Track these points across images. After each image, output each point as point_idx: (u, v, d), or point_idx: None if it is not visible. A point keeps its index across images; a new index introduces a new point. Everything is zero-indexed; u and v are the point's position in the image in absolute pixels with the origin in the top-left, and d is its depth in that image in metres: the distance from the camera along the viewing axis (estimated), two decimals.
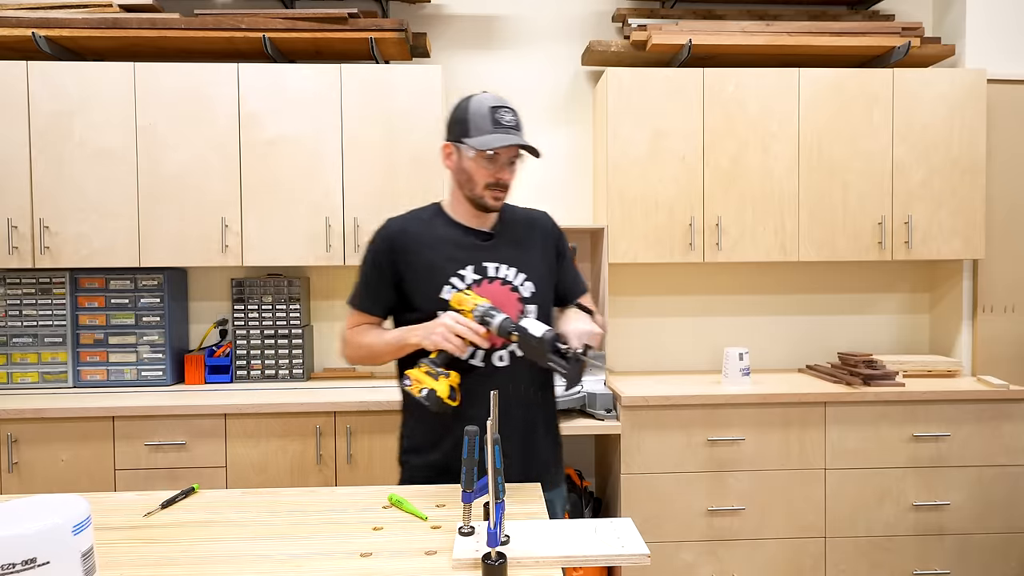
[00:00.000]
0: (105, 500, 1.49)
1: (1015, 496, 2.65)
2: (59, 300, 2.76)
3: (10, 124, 2.63)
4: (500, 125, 1.51)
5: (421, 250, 1.60)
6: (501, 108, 1.53)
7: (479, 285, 1.57)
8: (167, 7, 2.88)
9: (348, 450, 2.49)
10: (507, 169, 1.57)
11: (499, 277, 1.59)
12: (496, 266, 1.60)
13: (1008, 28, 2.99)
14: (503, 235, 1.64)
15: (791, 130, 2.81)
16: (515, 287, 1.59)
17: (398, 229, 1.64)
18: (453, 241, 1.61)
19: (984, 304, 3.00)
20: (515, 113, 1.55)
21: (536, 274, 1.63)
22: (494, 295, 1.55)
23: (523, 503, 1.44)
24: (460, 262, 1.58)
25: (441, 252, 1.59)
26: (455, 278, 1.56)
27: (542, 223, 1.73)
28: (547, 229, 1.72)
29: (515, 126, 1.53)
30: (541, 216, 1.75)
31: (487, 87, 3.10)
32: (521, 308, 1.59)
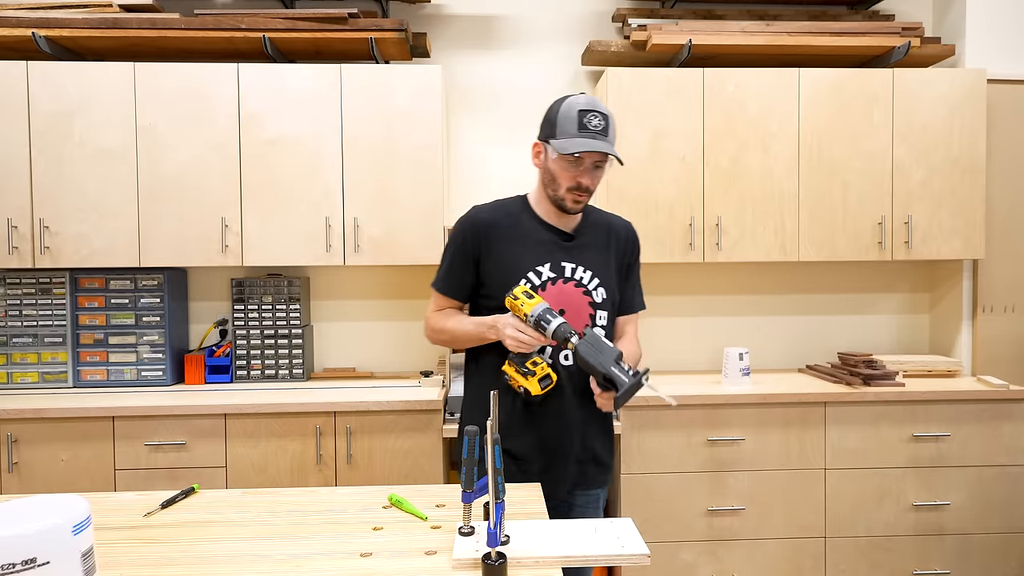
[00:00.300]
0: (105, 500, 1.49)
1: (1015, 496, 2.65)
2: (59, 300, 2.76)
3: (10, 124, 2.63)
4: (586, 129, 1.51)
5: (504, 242, 1.63)
6: (590, 112, 1.52)
7: (553, 284, 1.60)
8: (167, 7, 2.88)
9: (348, 450, 2.49)
10: (590, 174, 1.57)
11: (574, 279, 1.62)
12: (573, 267, 1.63)
13: (1008, 28, 2.99)
14: (583, 237, 1.67)
15: (791, 130, 2.81)
16: (588, 290, 1.63)
17: (486, 219, 1.67)
18: (535, 237, 1.64)
19: (984, 304, 3.00)
20: (605, 118, 1.54)
21: (608, 280, 1.66)
22: (566, 296, 1.60)
23: (523, 503, 1.44)
24: (539, 259, 1.62)
25: (522, 246, 1.63)
26: (532, 273, 1.60)
27: (621, 231, 1.74)
28: (624, 238, 1.73)
29: (602, 131, 1.52)
30: (622, 224, 1.76)
31: (487, 87, 3.12)
32: (591, 312, 1.62)
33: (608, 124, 1.54)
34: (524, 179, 3.12)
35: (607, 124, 1.54)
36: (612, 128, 1.55)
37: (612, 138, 1.55)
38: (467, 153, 3.13)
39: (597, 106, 1.54)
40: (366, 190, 2.73)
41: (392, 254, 2.74)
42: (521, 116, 3.13)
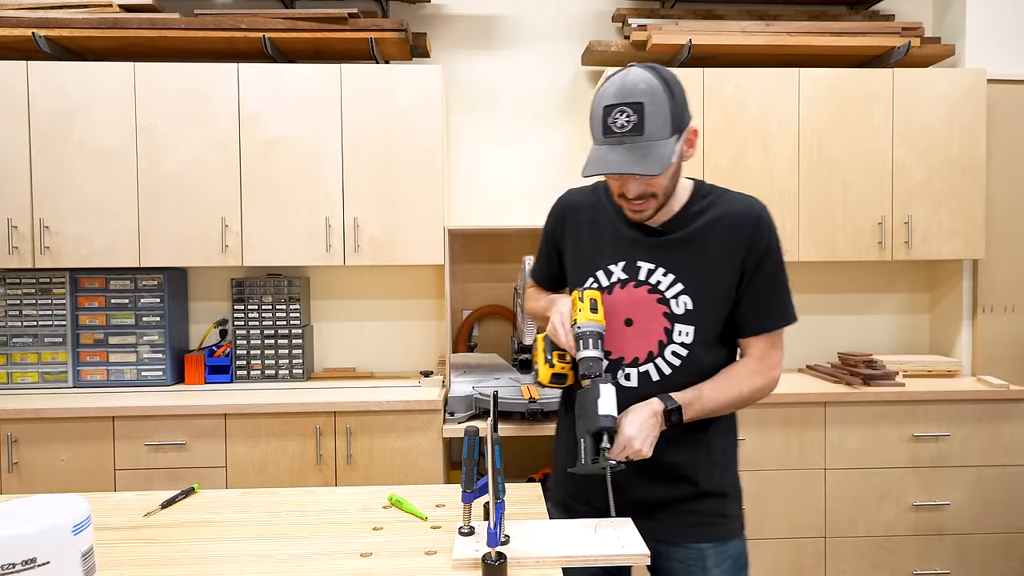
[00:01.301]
0: (105, 500, 1.49)
1: (1015, 496, 2.65)
2: (59, 300, 2.76)
3: (10, 124, 2.63)
4: (610, 133, 1.20)
5: (581, 231, 1.40)
6: (616, 108, 1.19)
7: (623, 287, 1.32)
8: (167, 7, 2.88)
9: (348, 450, 2.49)
10: (630, 183, 1.24)
11: (648, 283, 1.31)
12: (650, 269, 1.31)
13: (1008, 28, 2.99)
14: (676, 232, 1.31)
15: (791, 130, 2.81)
16: (664, 299, 1.30)
17: (569, 204, 1.45)
18: (614, 230, 1.36)
19: (984, 304, 3.00)
20: (636, 109, 1.17)
21: (701, 288, 1.29)
22: (637, 304, 1.31)
23: (523, 503, 1.44)
24: (612, 256, 1.34)
25: (598, 239, 1.37)
26: (601, 272, 1.35)
27: (738, 223, 1.29)
28: (742, 232, 1.29)
29: (632, 130, 1.18)
30: (741, 212, 1.30)
31: (487, 87, 3.11)
32: (667, 326, 1.30)
33: (642, 116, 1.17)
34: (524, 179, 3.14)
35: (640, 117, 1.17)
36: (651, 117, 1.17)
37: (655, 128, 1.17)
38: (467, 153, 3.13)
39: (627, 95, 1.18)
40: (366, 190, 2.73)
41: (392, 254, 2.74)
42: (521, 116, 3.13)
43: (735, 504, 1.38)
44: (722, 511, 1.35)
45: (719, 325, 1.32)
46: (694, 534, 1.33)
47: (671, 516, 1.33)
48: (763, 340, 1.32)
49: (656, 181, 1.24)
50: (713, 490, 1.35)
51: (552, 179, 3.13)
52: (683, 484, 1.33)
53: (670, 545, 1.33)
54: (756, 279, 1.30)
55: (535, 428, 2.45)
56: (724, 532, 1.34)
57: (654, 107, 1.18)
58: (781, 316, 1.32)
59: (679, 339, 1.30)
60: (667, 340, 1.30)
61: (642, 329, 1.31)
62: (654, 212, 1.28)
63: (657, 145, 1.18)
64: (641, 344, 1.31)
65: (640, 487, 1.33)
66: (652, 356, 1.31)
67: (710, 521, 1.33)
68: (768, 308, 1.31)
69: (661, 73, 1.21)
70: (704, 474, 1.34)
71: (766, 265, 1.30)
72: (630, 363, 1.32)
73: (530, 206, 3.14)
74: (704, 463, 1.34)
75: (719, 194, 1.34)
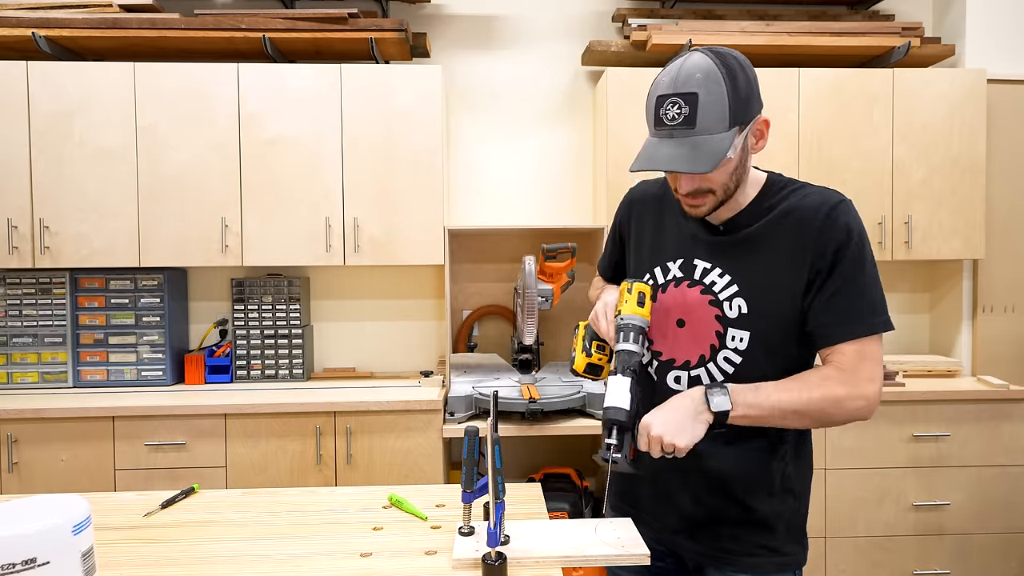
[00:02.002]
0: (105, 500, 1.49)
1: (1015, 496, 2.65)
2: (59, 300, 2.76)
3: (10, 124, 2.63)
4: (662, 125, 1.11)
5: (645, 225, 1.35)
6: (668, 99, 1.10)
7: (676, 286, 1.25)
8: (167, 7, 2.88)
9: (348, 450, 2.49)
10: (682, 178, 1.17)
11: (702, 283, 1.22)
12: (706, 268, 1.23)
13: (1008, 28, 2.99)
14: (743, 229, 1.21)
15: (791, 130, 2.81)
16: (717, 300, 1.21)
17: (637, 196, 1.39)
18: (676, 226, 1.29)
19: (984, 304, 3.00)
20: (688, 102, 1.08)
21: (758, 291, 1.18)
22: (689, 304, 1.23)
23: (523, 503, 1.44)
24: (673, 253, 1.28)
25: (660, 234, 1.31)
26: (659, 269, 1.28)
27: (807, 218, 1.17)
28: (811, 228, 1.16)
29: (684, 121, 1.09)
30: (814, 208, 1.17)
31: (487, 87, 3.11)
32: (719, 330, 1.20)
33: (695, 107, 1.08)
34: (524, 179, 3.14)
35: (693, 109, 1.08)
36: (705, 108, 1.08)
37: (708, 120, 1.08)
38: (467, 153, 3.13)
39: (681, 84, 1.09)
40: (366, 190, 2.73)
41: (392, 254, 2.74)
42: (521, 116, 3.13)
43: (789, 540, 1.24)
44: (767, 543, 1.22)
45: (783, 333, 1.18)
46: (732, 562, 1.23)
47: (713, 537, 1.25)
48: (849, 349, 1.14)
49: (711, 177, 1.14)
50: (762, 519, 1.22)
51: (552, 179, 3.13)
52: (730, 503, 1.23)
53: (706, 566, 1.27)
54: (831, 281, 1.14)
55: (535, 428, 2.45)
56: (768, 565, 1.22)
57: (709, 98, 1.08)
58: (871, 320, 1.14)
59: (732, 344, 1.19)
60: (719, 345, 1.20)
61: (694, 331, 1.23)
62: (712, 208, 1.19)
63: (711, 140, 1.09)
64: (692, 347, 1.23)
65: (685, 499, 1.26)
66: (704, 360, 1.22)
67: (751, 552, 1.22)
68: (848, 313, 1.14)
69: (725, 60, 1.10)
70: (756, 497, 1.22)
71: (843, 264, 1.14)
72: (680, 366, 1.24)
73: (530, 206, 3.14)
74: (758, 484, 1.22)
75: (795, 188, 1.22)
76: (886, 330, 1.15)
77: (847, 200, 1.19)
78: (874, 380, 1.14)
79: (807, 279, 1.16)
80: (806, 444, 1.28)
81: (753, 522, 1.23)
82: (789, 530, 1.24)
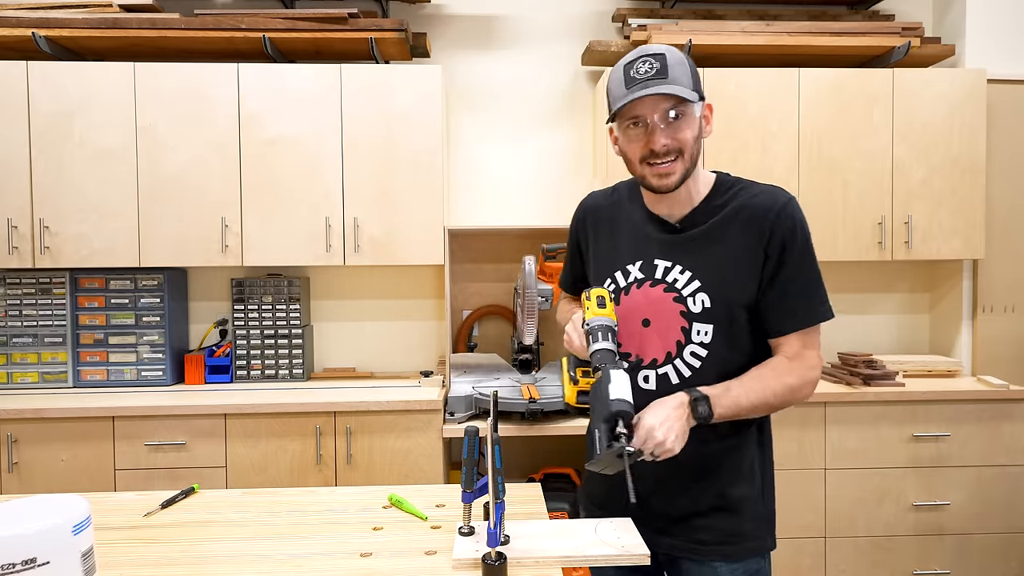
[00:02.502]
0: (105, 500, 1.49)
1: (1015, 496, 2.65)
2: (59, 300, 2.76)
3: (10, 124, 2.63)
4: (634, 81, 1.16)
5: (600, 233, 1.38)
6: (637, 60, 1.17)
7: (639, 287, 1.29)
8: (167, 7, 2.88)
9: (348, 450, 2.49)
10: (660, 132, 1.19)
11: (664, 281, 1.27)
12: (666, 267, 1.27)
13: (1008, 28, 2.99)
14: (695, 227, 1.27)
15: (791, 130, 2.81)
16: (681, 297, 1.25)
17: (590, 206, 1.43)
18: (633, 229, 1.33)
19: (984, 304, 3.00)
20: (658, 57, 1.16)
21: (719, 285, 1.24)
22: (652, 303, 1.27)
23: (523, 503, 1.44)
24: (630, 256, 1.31)
25: (616, 239, 1.35)
26: (619, 273, 1.31)
27: (758, 215, 1.23)
28: (763, 224, 1.23)
29: (656, 74, 1.15)
30: (764, 205, 1.24)
31: (487, 87, 3.11)
32: (684, 325, 1.25)
33: (665, 63, 1.16)
34: (524, 179, 3.14)
35: (663, 63, 1.16)
36: (673, 66, 1.16)
37: (678, 76, 1.16)
38: (467, 153, 3.13)
39: (647, 50, 1.18)
40: (366, 190, 2.73)
41: (392, 254, 2.74)
42: (521, 116, 3.13)
43: (759, 525, 1.30)
44: (739, 530, 1.28)
45: (741, 324, 1.25)
46: (706, 552, 1.27)
47: (687, 530, 1.28)
48: (795, 339, 1.24)
49: (683, 137, 1.19)
50: (734, 506, 1.28)
51: (552, 179, 3.13)
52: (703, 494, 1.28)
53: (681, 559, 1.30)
54: (781, 274, 1.23)
55: (535, 428, 2.45)
56: (739, 551, 1.28)
57: (675, 60, 1.17)
58: (811, 313, 1.24)
59: (698, 339, 1.24)
60: (685, 340, 1.25)
61: (660, 329, 1.26)
62: (680, 179, 1.22)
63: (683, 91, 1.16)
64: (659, 345, 1.27)
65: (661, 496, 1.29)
66: (671, 357, 1.26)
67: (724, 540, 1.27)
68: (796, 305, 1.23)
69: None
70: (729, 486, 1.28)
71: (790, 258, 1.22)
72: (648, 364, 1.27)
73: (530, 206, 3.14)
74: (729, 472, 1.28)
75: (743, 186, 1.29)
76: (828, 319, 1.25)
77: (793, 199, 1.26)
78: (816, 367, 1.25)
79: (760, 272, 1.23)
80: (767, 430, 1.34)
81: (725, 509, 1.28)
82: (758, 516, 1.30)
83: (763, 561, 1.30)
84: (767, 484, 1.33)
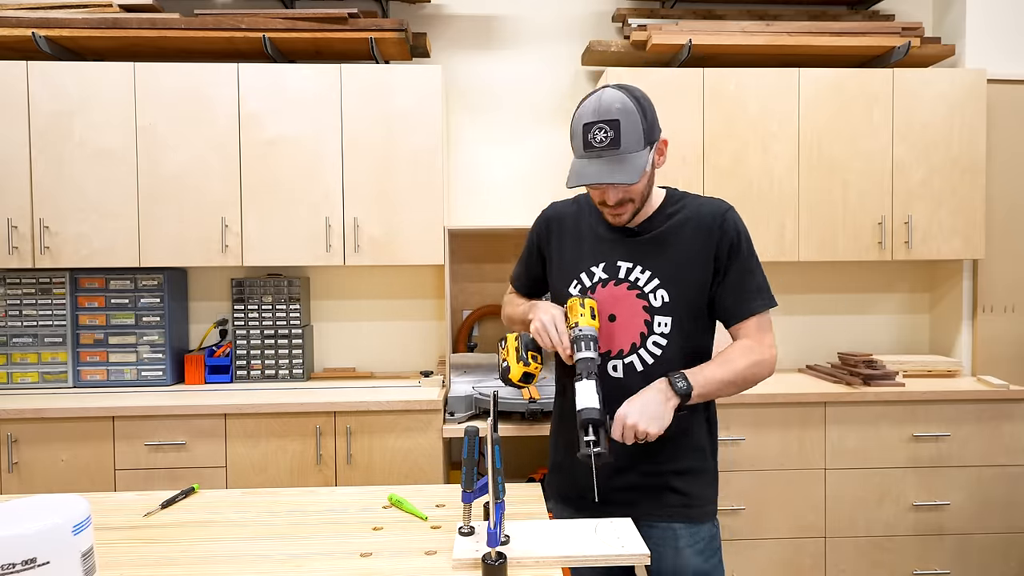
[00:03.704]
0: (105, 500, 1.50)
1: (1015, 496, 2.65)
2: (59, 300, 2.76)
3: (10, 124, 2.63)
4: (591, 148, 1.32)
5: (564, 239, 1.53)
6: (595, 126, 1.31)
7: (604, 286, 1.43)
8: (167, 7, 2.88)
9: (348, 450, 2.49)
10: (610, 191, 1.37)
11: (628, 280, 1.43)
12: (628, 267, 1.43)
13: (1008, 28, 2.99)
14: (651, 231, 1.45)
15: (791, 130, 2.81)
16: (643, 293, 1.41)
17: (553, 213, 1.59)
18: (595, 234, 1.48)
19: (984, 304, 3.00)
20: (613, 125, 1.30)
21: (676, 281, 1.41)
22: (617, 300, 1.42)
23: (523, 503, 1.45)
24: (593, 258, 1.46)
25: (580, 244, 1.49)
26: (584, 275, 1.46)
27: (709, 221, 1.43)
28: (712, 229, 1.42)
29: (610, 144, 1.30)
30: (710, 212, 1.44)
31: (487, 87, 3.11)
32: (647, 318, 1.41)
33: (618, 131, 1.30)
34: (524, 179, 3.14)
35: (616, 132, 1.30)
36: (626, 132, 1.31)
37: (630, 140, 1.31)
38: (467, 153, 3.13)
39: (604, 113, 1.31)
40: (366, 190, 2.73)
41: (392, 254, 2.74)
42: (521, 116, 3.13)
43: (711, 488, 1.48)
44: (697, 492, 1.45)
45: (696, 315, 1.43)
46: (668, 514, 1.43)
47: (650, 498, 1.43)
48: (752, 324, 1.42)
49: (633, 188, 1.37)
50: (690, 470, 1.45)
51: (552, 179, 3.13)
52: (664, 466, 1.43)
53: (644, 526, 1.40)
54: (732, 269, 1.42)
55: (535, 428, 2.45)
56: (698, 514, 1.44)
57: (628, 124, 1.31)
58: (763, 299, 1.43)
59: (659, 329, 1.41)
60: (648, 331, 1.41)
61: (625, 323, 1.42)
62: (631, 216, 1.42)
63: (633, 157, 1.31)
64: (625, 337, 1.42)
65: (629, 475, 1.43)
66: (635, 347, 1.41)
67: (685, 503, 1.43)
68: (749, 293, 1.42)
69: (633, 93, 1.35)
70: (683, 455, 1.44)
71: (738, 256, 1.42)
72: (616, 355, 1.42)
73: (530, 206, 3.12)
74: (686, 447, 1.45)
75: (690, 199, 1.49)
76: (772, 306, 1.44)
77: (732, 208, 1.47)
78: (773, 346, 1.44)
79: (712, 271, 1.42)
80: (712, 409, 1.51)
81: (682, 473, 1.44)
82: (710, 481, 1.49)
83: (716, 527, 1.47)
84: (715, 455, 1.52)
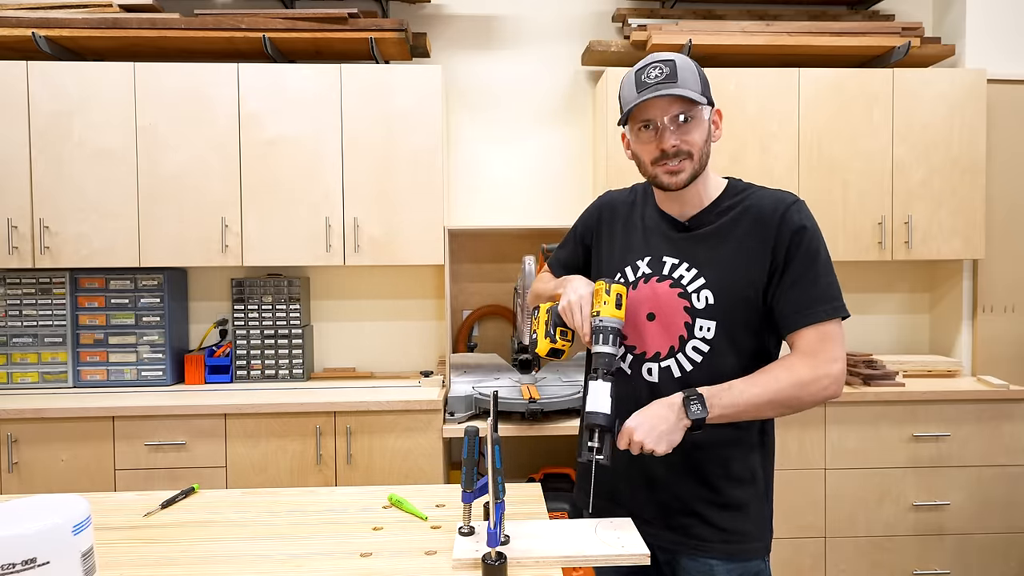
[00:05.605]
0: (105, 500, 1.49)
1: (1015, 496, 2.65)
2: (59, 300, 2.76)
3: (10, 124, 2.63)
4: (645, 86, 1.21)
5: (615, 227, 1.42)
6: (648, 66, 1.23)
7: (646, 282, 1.32)
8: (167, 7, 2.88)
9: (348, 450, 2.49)
10: (669, 134, 1.23)
11: (671, 277, 1.30)
12: (674, 263, 1.31)
13: (1008, 28, 2.99)
14: (702, 227, 1.31)
15: (791, 130, 2.81)
16: (686, 293, 1.28)
17: (608, 202, 1.48)
18: (645, 227, 1.37)
19: (984, 304, 3.00)
20: (668, 64, 1.22)
21: (724, 282, 1.26)
22: (659, 297, 1.30)
23: (523, 503, 1.44)
24: (641, 252, 1.35)
25: (628, 237, 1.39)
26: (629, 268, 1.35)
27: (768, 217, 1.26)
28: (771, 224, 1.25)
29: (665, 79, 1.20)
30: (770, 206, 1.27)
31: (487, 87, 3.11)
32: (687, 320, 1.27)
33: (675, 68, 1.22)
34: (524, 179, 3.14)
35: (673, 69, 1.21)
36: (682, 71, 1.22)
37: (687, 80, 1.22)
38: (467, 153, 3.13)
39: (658, 56, 1.24)
40: (366, 190, 2.73)
41: (392, 254, 2.74)
42: (521, 116, 3.13)
43: (758, 526, 1.31)
44: (741, 529, 1.28)
45: (745, 322, 1.26)
46: (706, 549, 1.28)
47: (688, 526, 1.29)
48: (811, 333, 1.22)
49: (692, 138, 1.24)
50: (733, 504, 1.28)
51: (552, 179, 3.13)
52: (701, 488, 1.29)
53: (680, 555, 1.30)
54: (790, 271, 1.23)
55: (535, 428, 2.45)
56: (737, 551, 1.28)
57: (684, 66, 1.23)
58: (827, 307, 1.22)
59: (700, 334, 1.26)
60: (688, 335, 1.27)
61: (664, 323, 1.29)
62: (689, 179, 1.26)
63: (692, 94, 1.21)
64: (663, 339, 1.29)
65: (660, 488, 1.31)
66: (673, 351, 1.28)
67: (725, 538, 1.28)
68: (809, 300, 1.22)
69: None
70: (731, 485, 1.29)
71: (799, 256, 1.23)
72: (651, 358, 1.30)
73: (530, 206, 3.14)
74: (732, 473, 1.29)
75: (754, 191, 1.32)
76: (841, 315, 1.23)
77: (800, 200, 1.29)
78: (837, 360, 1.22)
79: (768, 272, 1.25)
80: (769, 432, 1.35)
81: (727, 508, 1.28)
82: (759, 517, 1.31)
83: (763, 564, 1.31)
84: (768, 488, 1.34)
